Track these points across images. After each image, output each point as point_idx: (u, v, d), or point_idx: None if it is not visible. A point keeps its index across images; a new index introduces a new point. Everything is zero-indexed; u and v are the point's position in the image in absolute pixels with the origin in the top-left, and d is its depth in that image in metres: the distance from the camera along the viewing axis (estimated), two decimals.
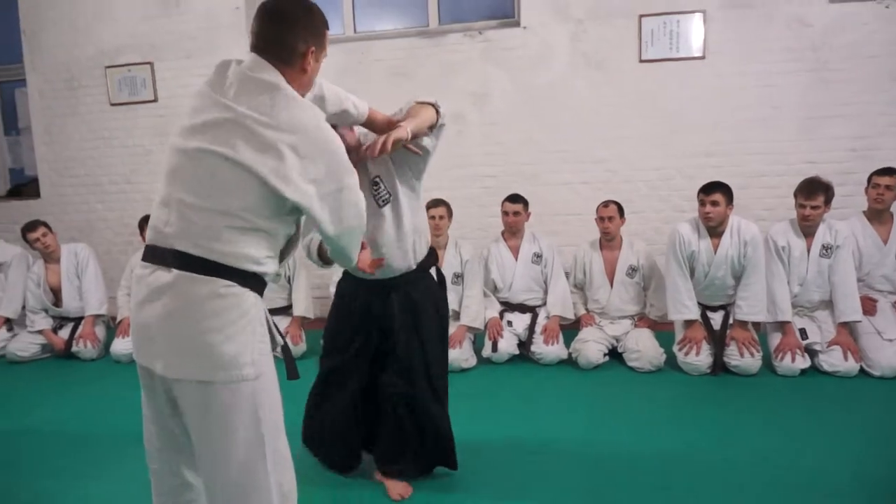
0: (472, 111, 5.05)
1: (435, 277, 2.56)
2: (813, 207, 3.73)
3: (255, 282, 1.51)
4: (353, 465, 2.66)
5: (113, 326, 4.93)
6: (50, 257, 4.81)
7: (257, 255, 1.49)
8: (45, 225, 4.77)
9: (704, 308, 3.94)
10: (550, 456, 2.82)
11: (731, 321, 3.85)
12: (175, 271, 1.45)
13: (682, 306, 3.86)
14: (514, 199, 4.30)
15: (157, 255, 1.49)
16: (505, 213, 4.30)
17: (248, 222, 1.45)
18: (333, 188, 1.48)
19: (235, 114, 1.42)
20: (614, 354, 4.10)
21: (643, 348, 3.89)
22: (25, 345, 4.74)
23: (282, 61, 1.53)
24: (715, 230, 3.80)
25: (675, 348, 3.88)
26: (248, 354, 1.44)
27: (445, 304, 2.57)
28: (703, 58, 4.67)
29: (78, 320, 4.82)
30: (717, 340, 3.80)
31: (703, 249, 3.82)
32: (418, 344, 2.42)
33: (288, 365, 1.70)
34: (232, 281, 1.46)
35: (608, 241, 4.20)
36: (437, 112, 2.17)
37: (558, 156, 4.95)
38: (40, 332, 4.77)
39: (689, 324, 3.86)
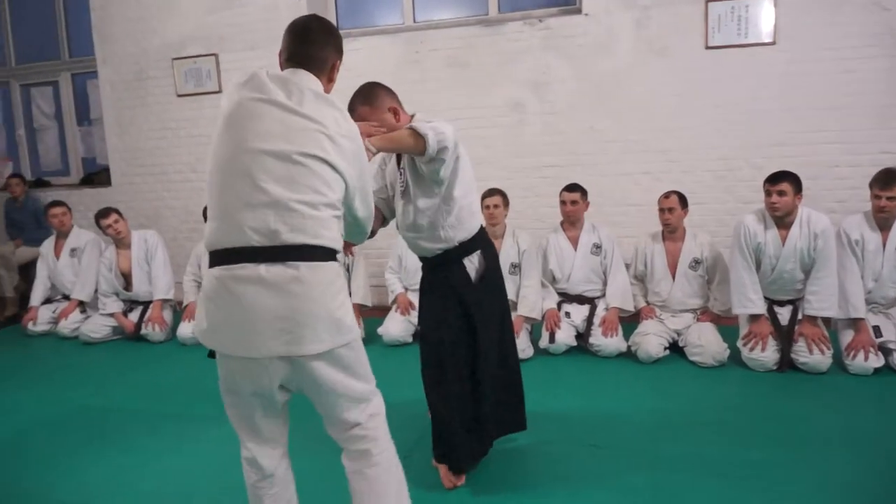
0: (532, 100, 5.02)
1: (476, 265, 2.57)
2: (889, 199, 3.58)
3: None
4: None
5: (179, 310, 5.12)
6: (121, 243, 5.02)
7: (340, 237, 1.80)
8: (117, 212, 4.98)
9: (772, 303, 3.83)
10: (609, 451, 2.80)
11: (799, 317, 3.74)
12: (296, 263, 1.64)
13: (748, 300, 3.76)
14: (572, 188, 4.26)
15: (264, 254, 1.63)
16: (563, 203, 4.28)
17: (339, 211, 1.77)
18: (364, 182, 1.85)
19: (319, 125, 1.69)
20: (675, 348, 4.03)
21: (706, 343, 3.81)
22: (97, 327, 4.98)
23: (321, 74, 1.84)
24: (782, 221, 3.69)
25: (740, 343, 3.79)
26: (352, 318, 1.76)
27: (475, 294, 2.55)
28: (773, 43, 4.52)
29: (147, 304, 5.03)
30: (785, 336, 3.69)
31: (769, 241, 3.72)
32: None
33: None
34: (336, 261, 1.75)
35: (670, 232, 4.13)
36: (426, 143, 2.18)
37: (619, 145, 4.88)
38: (111, 315, 4.99)
39: (754, 318, 3.77)
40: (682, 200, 4.06)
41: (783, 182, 3.60)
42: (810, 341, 3.61)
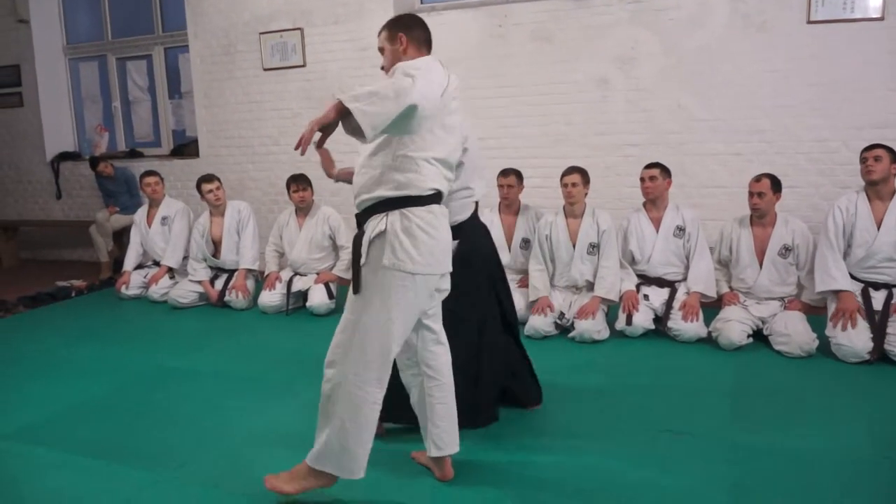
0: (618, 76, 5.02)
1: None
2: None
3: None
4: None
5: (261, 280, 5.43)
6: (216, 210, 5.38)
7: None
8: (219, 179, 5.36)
9: (866, 285, 3.76)
10: (686, 439, 2.81)
11: (894, 300, 3.65)
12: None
13: (829, 277, 3.74)
14: (652, 165, 4.27)
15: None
16: (642, 180, 4.30)
17: None
18: None
19: None
20: (758, 337, 4.00)
21: (793, 332, 3.76)
22: (185, 292, 5.35)
23: None
24: (878, 192, 3.67)
25: (828, 329, 3.74)
26: None
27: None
28: (881, 19, 4.35)
29: (231, 272, 5.36)
30: (878, 323, 3.61)
31: (863, 214, 3.69)
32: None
33: None
34: None
35: (759, 217, 4.08)
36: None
37: (708, 124, 4.82)
38: (199, 282, 5.35)
39: (840, 297, 3.71)
40: (775, 184, 4.00)
41: (879, 148, 3.67)
42: None
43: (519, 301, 4.47)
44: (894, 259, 3.68)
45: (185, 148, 6.85)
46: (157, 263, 5.73)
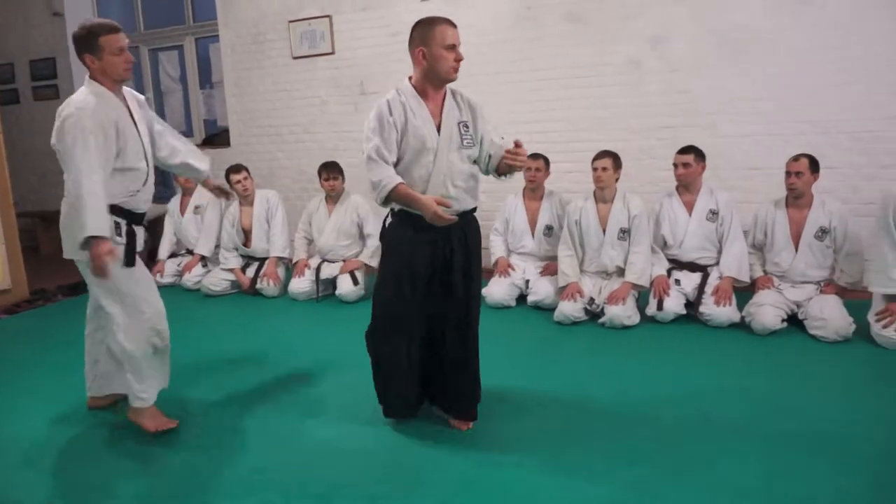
0: (652, 57, 5.00)
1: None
2: None
3: None
4: (411, 413, 3.00)
5: (290, 267, 5.58)
6: (245, 200, 5.54)
7: None
8: (247, 170, 5.51)
9: None
10: (719, 424, 2.84)
11: None
12: None
13: (889, 279, 3.65)
14: (686, 150, 4.28)
15: None
16: (675, 166, 4.31)
17: None
18: None
19: None
20: (793, 321, 4.00)
21: (829, 316, 3.76)
22: (218, 280, 5.53)
23: None
24: None
25: (871, 317, 3.72)
26: None
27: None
28: None
29: (262, 260, 5.52)
30: None
31: None
32: (469, 286, 2.82)
33: None
34: None
35: (795, 198, 4.06)
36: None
37: (747, 104, 4.78)
38: (231, 270, 5.53)
39: (892, 299, 3.67)
40: (813, 164, 3.97)
41: None
42: None
43: (547, 287, 4.56)
44: None
45: (217, 138, 7.05)
46: (190, 252, 5.92)
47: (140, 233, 3.03)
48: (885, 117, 4.44)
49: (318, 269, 5.26)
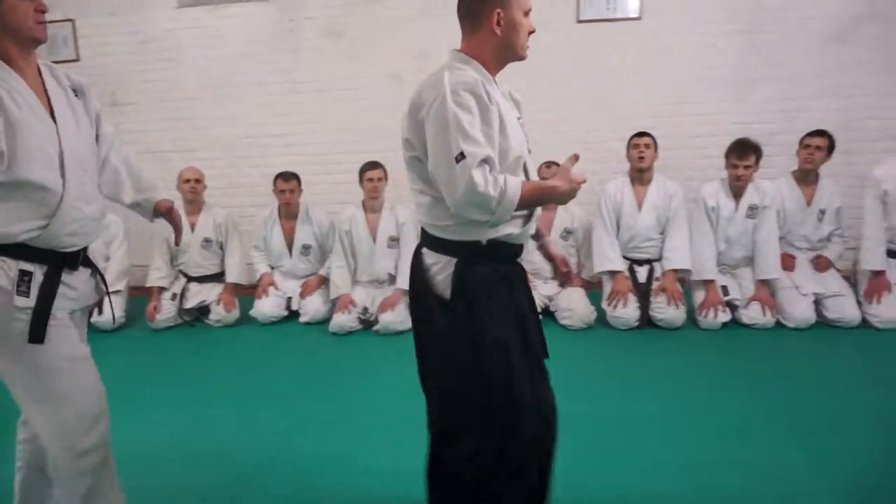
0: (412, 70, 5.21)
1: None
2: (745, 167, 4.10)
3: None
4: None
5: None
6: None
7: None
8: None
9: (631, 263, 4.36)
10: None
11: (656, 275, 4.27)
12: None
13: (606, 259, 4.30)
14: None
15: None
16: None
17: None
18: None
19: None
20: (547, 313, 4.40)
21: (575, 307, 4.25)
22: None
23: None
24: (642, 178, 4.29)
25: (604, 303, 4.27)
26: None
27: None
28: (639, 19, 4.99)
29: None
30: (644, 294, 4.21)
31: (627, 201, 4.30)
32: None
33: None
34: None
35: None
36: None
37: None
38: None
39: (614, 278, 4.26)
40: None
41: (646, 136, 4.21)
42: (670, 297, 4.14)
43: (316, 303, 4.66)
44: (653, 239, 4.30)
45: None
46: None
47: (81, 279, 1.89)
48: (608, 130, 5.10)
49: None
